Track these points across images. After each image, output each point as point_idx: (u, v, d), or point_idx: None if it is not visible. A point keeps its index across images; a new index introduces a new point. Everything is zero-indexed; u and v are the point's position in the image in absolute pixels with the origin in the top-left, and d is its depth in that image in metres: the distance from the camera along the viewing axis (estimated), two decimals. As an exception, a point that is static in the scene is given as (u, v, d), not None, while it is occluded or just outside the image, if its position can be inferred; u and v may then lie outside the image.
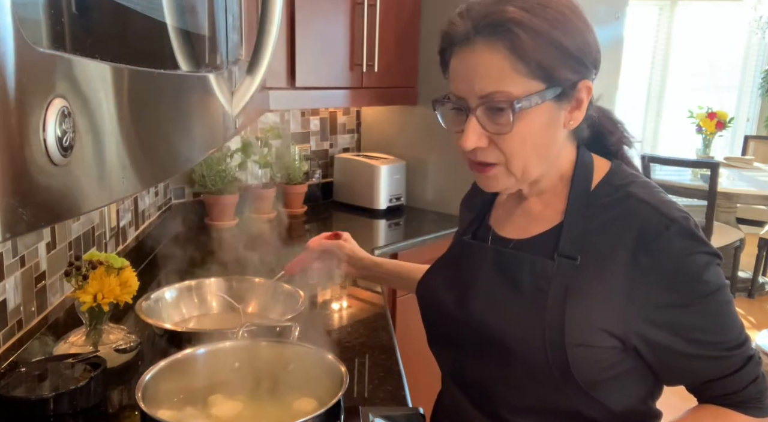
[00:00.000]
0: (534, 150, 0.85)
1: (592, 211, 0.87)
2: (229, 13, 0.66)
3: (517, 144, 0.83)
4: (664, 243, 0.80)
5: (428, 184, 2.64)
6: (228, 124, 0.65)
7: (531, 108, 0.81)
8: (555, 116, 0.84)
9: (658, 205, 0.83)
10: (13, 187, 0.26)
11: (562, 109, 0.84)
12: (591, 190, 0.89)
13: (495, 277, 0.92)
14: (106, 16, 0.36)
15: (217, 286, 1.50)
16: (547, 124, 0.84)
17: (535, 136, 0.84)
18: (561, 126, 0.86)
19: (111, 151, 0.35)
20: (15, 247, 1.18)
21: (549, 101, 0.82)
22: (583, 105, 0.85)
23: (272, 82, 2.02)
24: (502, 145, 0.84)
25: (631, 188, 0.87)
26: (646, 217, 0.82)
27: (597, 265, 0.84)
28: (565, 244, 0.86)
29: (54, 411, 1.00)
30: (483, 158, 0.86)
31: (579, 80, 0.83)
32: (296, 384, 1.04)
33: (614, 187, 0.88)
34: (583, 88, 0.84)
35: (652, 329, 0.83)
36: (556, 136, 0.86)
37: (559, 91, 0.82)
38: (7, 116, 0.25)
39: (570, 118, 0.85)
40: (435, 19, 2.48)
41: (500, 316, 0.90)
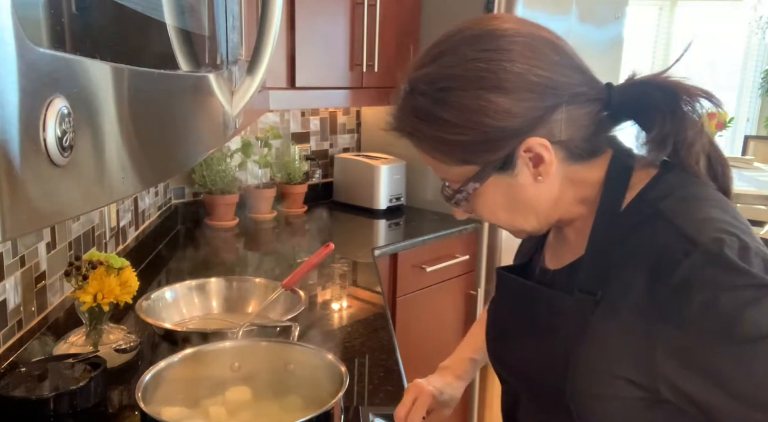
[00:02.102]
0: (511, 213, 0.79)
1: (618, 235, 0.73)
2: (229, 13, 0.66)
3: (488, 216, 0.80)
4: (685, 274, 0.65)
5: (428, 184, 2.64)
6: (228, 124, 0.65)
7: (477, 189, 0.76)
8: (513, 182, 0.75)
9: (684, 224, 0.68)
10: (13, 186, 0.26)
11: (516, 174, 0.74)
12: (622, 210, 0.75)
13: (514, 312, 0.85)
14: (106, 16, 0.36)
15: (217, 286, 1.50)
16: (506, 193, 0.76)
17: (499, 205, 0.78)
18: (530, 184, 0.75)
19: (111, 150, 0.35)
20: (15, 247, 1.18)
21: (494, 176, 0.75)
22: (545, 158, 0.73)
23: (272, 82, 2.02)
24: (480, 216, 0.81)
25: (662, 203, 0.71)
26: (665, 242, 0.68)
27: (615, 301, 0.71)
28: (584, 277, 0.75)
29: (54, 411, 1.00)
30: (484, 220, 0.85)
31: (515, 147, 0.72)
32: (296, 384, 1.04)
33: (646, 202, 0.73)
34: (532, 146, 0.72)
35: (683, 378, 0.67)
36: (529, 194, 0.76)
37: (498, 166, 0.74)
38: (7, 116, 0.25)
39: (537, 173, 0.74)
40: (435, 19, 2.48)
41: (518, 357, 0.83)
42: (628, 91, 0.76)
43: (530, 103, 0.71)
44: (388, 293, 2.17)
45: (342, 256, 2.03)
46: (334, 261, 1.98)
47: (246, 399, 1.03)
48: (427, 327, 2.30)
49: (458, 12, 2.39)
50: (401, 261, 2.19)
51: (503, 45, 0.72)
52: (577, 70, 0.75)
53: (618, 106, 0.76)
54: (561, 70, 0.73)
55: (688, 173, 0.75)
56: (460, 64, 0.73)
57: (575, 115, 0.74)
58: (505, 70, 0.71)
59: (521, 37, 0.73)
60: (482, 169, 0.75)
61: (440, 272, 2.30)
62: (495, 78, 0.71)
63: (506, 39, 0.72)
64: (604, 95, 0.75)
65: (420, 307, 2.28)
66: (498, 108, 0.71)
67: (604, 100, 0.75)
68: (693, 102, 0.74)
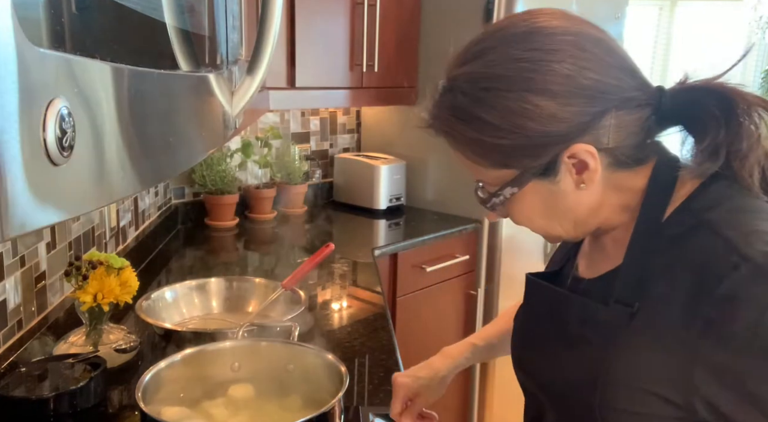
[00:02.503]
0: (548, 219, 0.75)
1: (660, 246, 0.70)
2: (229, 13, 0.66)
3: (524, 221, 0.76)
4: (732, 288, 0.62)
5: (428, 184, 2.64)
6: (228, 124, 0.65)
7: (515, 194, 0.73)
8: (553, 189, 0.72)
9: (733, 236, 0.64)
10: (13, 186, 0.26)
11: (558, 180, 0.71)
12: (664, 219, 0.71)
13: (544, 320, 0.82)
14: (106, 16, 0.36)
15: (217, 286, 1.50)
16: (544, 200, 0.73)
17: (537, 211, 0.74)
18: (571, 191, 0.72)
19: (111, 151, 0.35)
20: (15, 247, 1.18)
21: (533, 182, 0.71)
22: (590, 166, 0.69)
23: (272, 82, 2.02)
24: (515, 221, 0.77)
25: (709, 214, 0.68)
26: (711, 254, 0.65)
27: (653, 314, 0.68)
28: (621, 288, 0.71)
29: (54, 411, 1.00)
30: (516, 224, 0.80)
31: (559, 153, 0.69)
32: (296, 384, 1.04)
33: (691, 212, 0.69)
34: (578, 153, 0.68)
35: (724, 399, 0.64)
36: (569, 202, 0.73)
37: (539, 171, 0.71)
38: (7, 116, 0.25)
39: (580, 180, 0.71)
40: (435, 19, 2.48)
41: (546, 366, 0.80)
42: (681, 96, 0.71)
43: (578, 108, 0.67)
44: (388, 293, 2.17)
45: (342, 256, 2.03)
46: (334, 261, 1.98)
47: (249, 396, 1.03)
48: (427, 327, 2.30)
49: (458, 12, 2.39)
50: (401, 261, 2.19)
51: (551, 44, 0.67)
52: (629, 72, 0.70)
53: (669, 111, 0.72)
54: (612, 73, 0.68)
55: (737, 184, 0.70)
56: (504, 63, 0.68)
57: (624, 121, 0.69)
58: (552, 72, 0.66)
59: (571, 36, 0.68)
60: (521, 173, 0.71)
61: (440, 272, 2.30)
62: (541, 79, 0.66)
63: (555, 37, 0.68)
64: (655, 100, 0.71)
65: (420, 307, 2.28)
66: (543, 112, 0.67)
67: (655, 105, 0.71)
68: (750, 111, 0.69)
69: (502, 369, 2.43)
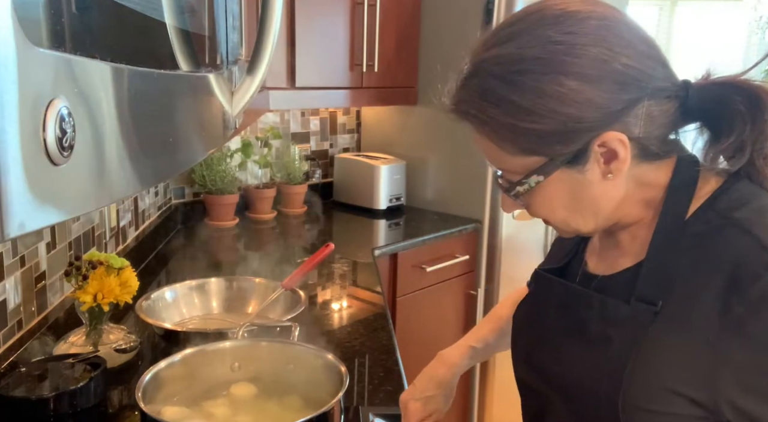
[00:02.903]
0: (572, 211, 0.73)
1: (684, 243, 0.69)
2: (229, 13, 0.66)
3: (546, 213, 0.74)
4: (765, 288, 0.62)
5: (428, 184, 2.64)
6: (228, 124, 0.65)
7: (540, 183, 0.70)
8: (579, 178, 0.70)
9: (765, 236, 0.64)
10: (13, 186, 0.26)
11: (586, 169, 0.69)
12: (688, 217, 0.71)
13: (561, 318, 0.79)
14: (106, 16, 0.36)
15: (217, 286, 1.50)
16: (571, 189, 0.71)
17: (562, 202, 0.72)
18: (597, 181, 0.70)
19: (111, 151, 0.35)
20: (15, 247, 1.18)
21: (561, 170, 0.69)
22: (620, 155, 0.68)
23: (272, 82, 2.02)
24: (534, 213, 0.75)
25: (737, 213, 0.67)
26: (743, 253, 0.64)
27: (680, 314, 0.67)
28: (643, 286, 0.70)
29: (54, 411, 1.00)
30: (533, 216, 0.77)
31: (591, 140, 0.67)
32: (296, 384, 1.04)
33: (716, 212, 0.69)
34: (608, 141, 0.67)
35: (751, 401, 0.64)
36: (595, 192, 0.71)
37: (568, 159, 0.68)
38: (7, 116, 0.25)
39: (608, 170, 0.69)
40: (435, 19, 2.48)
41: (562, 365, 0.77)
42: (707, 90, 0.70)
43: (612, 95, 0.66)
44: (388, 293, 2.17)
45: (342, 256, 2.03)
46: (334, 261, 1.98)
47: (252, 395, 1.03)
48: (427, 327, 2.30)
49: (458, 12, 2.39)
50: (401, 261, 2.19)
51: (586, 29, 0.66)
52: (660, 62, 0.70)
53: (694, 106, 0.71)
54: (647, 62, 0.67)
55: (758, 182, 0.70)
56: (539, 45, 0.66)
57: (655, 111, 0.69)
58: (588, 56, 0.65)
59: (608, 22, 0.67)
60: (549, 161, 0.69)
61: (440, 272, 2.30)
62: (577, 63, 0.65)
63: (590, 22, 0.66)
64: (682, 93, 0.70)
65: (420, 307, 2.28)
66: (578, 96, 0.65)
67: (682, 99, 0.70)
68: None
69: (502, 369, 2.43)
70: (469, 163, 2.45)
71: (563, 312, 0.79)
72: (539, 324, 0.84)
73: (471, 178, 2.44)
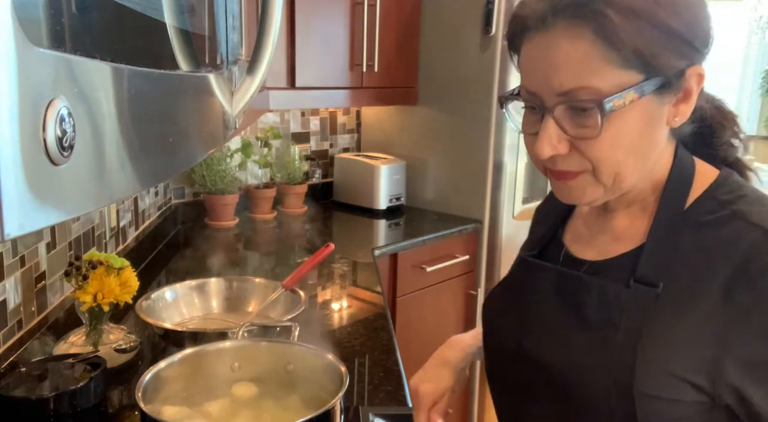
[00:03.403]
0: (629, 155, 0.69)
1: (686, 230, 0.70)
2: (229, 13, 0.66)
3: (607, 149, 0.68)
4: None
5: (428, 184, 2.64)
6: (228, 124, 0.65)
7: (626, 106, 0.66)
8: (657, 112, 0.68)
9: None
10: (13, 186, 0.26)
11: (665, 102, 0.68)
12: (688, 205, 0.72)
13: (556, 304, 0.78)
14: (106, 16, 0.36)
15: (217, 286, 1.50)
16: (645, 123, 0.68)
17: (631, 138, 0.68)
18: (664, 124, 0.70)
19: (111, 151, 0.35)
20: (15, 247, 1.18)
21: (649, 95, 0.66)
22: (693, 96, 0.69)
23: (272, 82, 2.02)
24: (587, 151, 0.68)
25: (739, 205, 0.69)
26: (752, 244, 0.65)
27: (684, 300, 0.68)
28: (644, 268, 0.71)
29: (54, 411, 1.00)
30: (564, 166, 0.71)
31: (688, 66, 0.67)
32: (296, 384, 1.04)
33: (719, 202, 0.71)
34: (693, 76, 0.68)
35: (752, 386, 0.65)
36: (658, 135, 0.70)
37: (662, 82, 0.66)
38: (7, 116, 0.25)
39: (675, 113, 0.69)
40: (435, 19, 2.48)
41: (558, 352, 0.76)
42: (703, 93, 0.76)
43: (708, 30, 0.69)
44: (388, 293, 2.17)
45: (342, 256, 2.03)
46: (334, 261, 1.98)
47: (251, 395, 1.03)
48: (427, 327, 2.30)
49: (458, 12, 2.39)
50: (401, 261, 2.19)
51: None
52: None
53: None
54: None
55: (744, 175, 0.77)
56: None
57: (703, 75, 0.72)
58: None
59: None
60: (647, 79, 0.65)
61: (440, 272, 2.30)
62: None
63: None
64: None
65: (420, 307, 2.28)
66: (702, 10, 0.68)
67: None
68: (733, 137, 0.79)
69: (502, 369, 2.42)
70: (469, 163, 2.45)
71: (558, 298, 0.78)
72: (528, 312, 0.82)
73: (471, 178, 2.44)
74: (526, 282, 0.84)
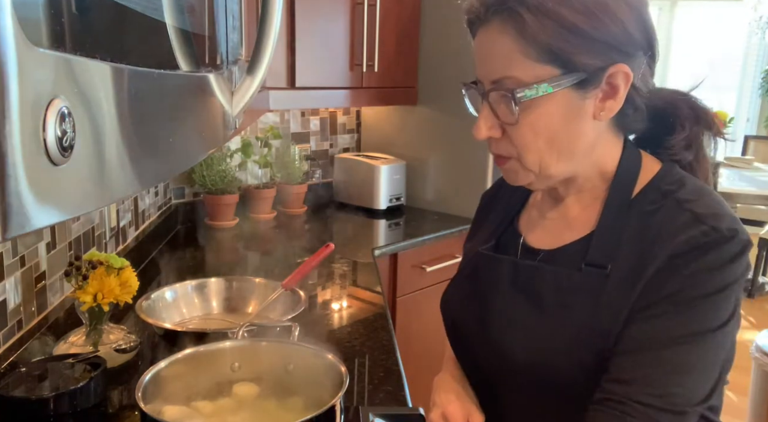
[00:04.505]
0: (550, 144, 0.75)
1: (632, 218, 0.77)
2: (229, 13, 0.66)
3: (528, 136, 0.75)
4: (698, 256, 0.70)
5: (428, 184, 2.64)
6: (228, 124, 0.65)
7: (540, 96, 0.71)
8: (577, 106, 0.74)
9: (703, 212, 0.73)
10: (13, 187, 0.26)
11: (588, 97, 0.73)
12: (634, 195, 0.79)
13: (513, 294, 0.83)
14: (106, 16, 0.36)
15: (217, 286, 1.50)
16: (565, 115, 0.74)
17: (550, 128, 0.74)
18: (588, 117, 0.75)
19: (111, 151, 0.35)
20: (15, 247, 1.18)
21: (567, 89, 0.72)
22: (619, 93, 0.74)
23: (272, 82, 2.02)
24: (514, 137, 0.76)
25: (679, 194, 0.76)
26: (684, 226, 0.72)
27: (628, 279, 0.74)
28: (594, 252, 0.77)
29: (54, 411, 1.00)
30: (496, 150, 0.79)
31: (609, 65, 0.72)
32: (296, 384, 1.04)
33: (662, 192, 0.77)
34: (618, 73, 0.73)
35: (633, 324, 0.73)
36: (582, 128, 0.76)
37: (581, 78, 0.72)
38: (7, 116, 0.25)
39: (601, 107, 0.75)
40: (435, 19, 2.48)
41: (520, 339, 0.80)
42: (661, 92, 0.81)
43: (637, 34, 0.73)
44: (388, 293, 2.17)
45: (342, 256, 2.03)
46: (334, 261, 1.98)
47: (252, 395, 1.03)
48: (427, 327, 2.30)
49: (458, 12, 2.38)
50: (401, 261, 2.19)
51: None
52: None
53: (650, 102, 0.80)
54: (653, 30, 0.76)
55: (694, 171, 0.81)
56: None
57: (646, 74, 0.76)
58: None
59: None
60: (562, 75, 0.71)
61: (440, 272, 2.30)
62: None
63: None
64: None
65: (420, 307, 2.28)
66: (624, 15, 0.71)
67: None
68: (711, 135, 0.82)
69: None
70: (469, 163, 2.45)
71: (515, 288, 0.83)
72: (489, 304, 0.85)
73: (471, 178, 2.44)
74: (484, 273, 0.88)
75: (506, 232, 0.90)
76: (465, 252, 1.02)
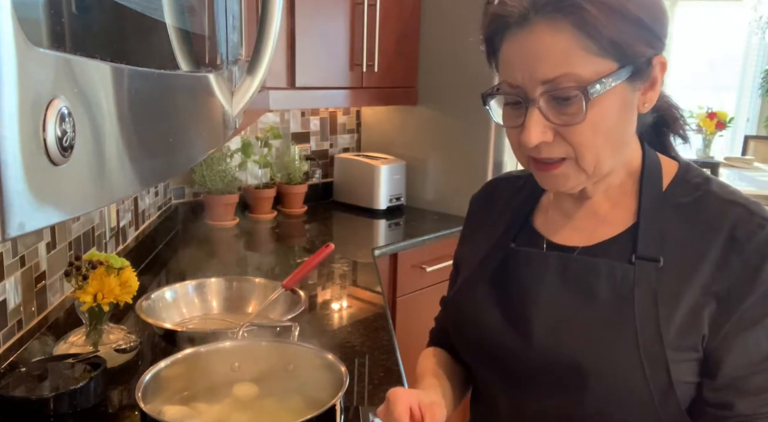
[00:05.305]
0: (607, 139, 0.74)
1: (668, 211, 0.78)
2: (229, 13, 0.66)
3: (589, 134, 0.73)
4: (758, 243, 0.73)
5: (428, 184, 2.64)
6: (228, 124, 0.65)
7: (605, 92, 0.71)
8: (629, 99, 0.74)
9: (747, 204, 0.76)
10: (13, 187, 0.26)
11: (637, 89, 0.75)
12: (664, 189, 0.80)
13: (561, 290, 0.80)
14: (106, 16, 0.36)
15: (217, 286, 1.50)
16: (621, 109, 0.74)
17: (609, 123, 0.73)
18: (635, 110, 0.76)
19: (111, 151, 0.35)
20: (15, 247, 1.18)
21: (623, 82, 0.72)
22: (658, 84, 0.76)
23: (272, 82, 2.02)
24: (571, 137, 0.73)
25: (710, 187, 0.79)
26: (737, 217, 0.75)
27: (683, 270, 0.75)
28: (644, 246, 0.77)
29: (54, 411, 1.00)
30: (549, 154, 0.75)
31: (653, 55, 0.74)
32: (296, 384, 1.04)
33: (692, 185, 0.80)
34: (658, 64, 0.75)
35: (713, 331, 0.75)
36: (630, 121, 0.77)
37: (634, 70, 0.72)
38: (7, 116, 0.25)
39: (644, 99, 0.76)
40: (435, 19, 2.48)
41: (571, 336, 0.78)
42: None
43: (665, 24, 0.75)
44: (388, 293, 2.17)
45: (342, 256, 2.03)
46: (334, 261, 1.98)
47: (252, 395, 1.03)
48: (427, 327, 2.30)
49: (458, 12, 2.39)
50: (401, 261, 2.19)
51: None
52: None
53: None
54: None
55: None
56: None
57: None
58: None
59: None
60: (621, 67, 0.71)
61: (440, 272, 2.29)
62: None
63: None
64: None
65: (420, 307, 2.28)
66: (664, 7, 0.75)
67: None
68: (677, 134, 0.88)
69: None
70: (469, 163, 2.45)
71: (562, 282, 0.80)
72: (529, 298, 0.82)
73: (471, 178, 2.44)
74: (520, 271, 0.84)
75: (521, 234, 0.88)
76: (458, 256, 1.00)
